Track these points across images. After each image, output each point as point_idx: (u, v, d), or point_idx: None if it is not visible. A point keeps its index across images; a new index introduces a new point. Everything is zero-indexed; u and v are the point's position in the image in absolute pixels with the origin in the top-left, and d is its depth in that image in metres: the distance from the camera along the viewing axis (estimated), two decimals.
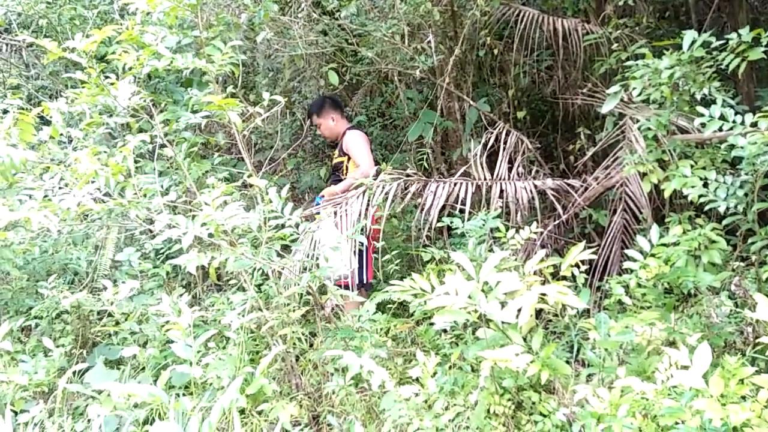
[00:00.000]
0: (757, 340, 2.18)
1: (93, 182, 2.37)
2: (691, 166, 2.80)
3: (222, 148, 4.36)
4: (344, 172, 3.95)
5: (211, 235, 2.37)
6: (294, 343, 2.79)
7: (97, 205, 2.38)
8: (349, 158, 3.93)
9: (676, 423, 1.81)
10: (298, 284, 2.58)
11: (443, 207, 3.71)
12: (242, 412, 2.56)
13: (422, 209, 3.64)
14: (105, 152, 2.78)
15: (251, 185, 2.89)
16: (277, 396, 2.55)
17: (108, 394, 2.32)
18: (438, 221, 3.47)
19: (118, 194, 2.48)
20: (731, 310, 2.39)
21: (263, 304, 2.69)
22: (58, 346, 2.82)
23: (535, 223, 3.08)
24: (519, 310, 2.29)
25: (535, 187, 3.80)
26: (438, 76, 4.40)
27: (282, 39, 4.27)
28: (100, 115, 2.95)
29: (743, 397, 1.90)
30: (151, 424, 2.36)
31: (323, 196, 3.80)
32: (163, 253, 3.45)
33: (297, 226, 2.67)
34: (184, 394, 2.69)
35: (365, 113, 5.08)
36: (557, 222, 3.77)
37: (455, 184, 3.84)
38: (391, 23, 4.13)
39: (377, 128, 5.02)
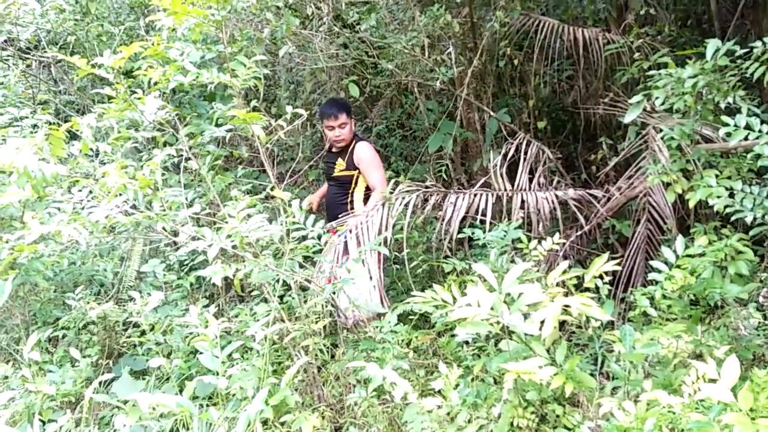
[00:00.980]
0: None
1: (121, 195, 2.42)
2: (717, 176, 2.77)
3: (245, 161, 4.42)
4: (353, 187, 3.70)
5: (235, 247, 2.40)
6: (316, 355, 2.80)
7: (125, 217, 2.43)
8: (359, 172, 3.67)
9: None
10: (321, 295, 2.59)
11: (464, 218, 3.71)
12: (265, 423, 2.57)
13: (443, 221, 3.65)
14: (132, 166, 2.84)
15: (274, 197, 2.93)
16: (300, 407, 2.56)
17: (134, 405, 2.35)
18: (459, 232, 3.47)
19: (145, 207, 2.52)
20: (759, 322, 2.35)
21: (286, 316, 2.71)
22: (84, 357, 2.87)
23: (557, 233, 3.07)
24: (542, 322, 2.28)
25: (557, 197, 3.78)
26: (458, 87, 4.42)
27: (303, 52, 4.33)
28: (128, 129, 3.02)
29: None
30: None
31: (341, 231, 3.41)
32: (186, 265, 3.50)
33: (319, 237, 2.69)
34: (207, 405, 2.72)
35: (385, 124, 5.11)
36: (580, 233, 3.75)
37: (475, 195, 3.83)
38: (410, 35, 4.16)
39: (397, 139, 5.05)
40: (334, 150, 3.76)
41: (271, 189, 2.82)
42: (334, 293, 2.82)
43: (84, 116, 2.78)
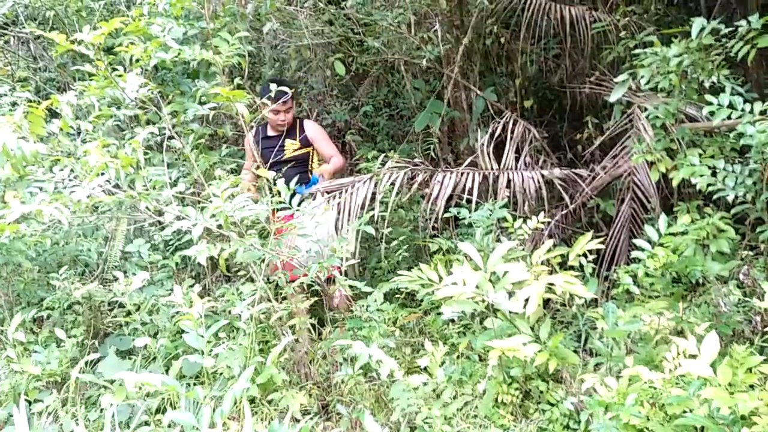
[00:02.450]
0: (765, 329, 2.18)
1: (103, 174, 2.39)
2: (700, 155, 2.79)
3: (229, 140, 4.37)
4: (310, 163, 3.67)
5: (220, 227, 2.39)
6: (302, 334, 2.81)
7: (107, 197, 2.40)
8: (312, 148, 3.65)
9: (684, 412, 1.82)
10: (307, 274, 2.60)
11: (450, 197, 3.72)
12: (252, 401, 2.59)
13: (429, 199, 3.65)
14: (114, 144, 2.80)
15: (259, 176, 2.90)
16: (287, 385, 2.58)
17: (120, 384, 2.35)
18: (445, 211, 3.48)
19: (127, 186, 2.49)
20: (739, 300, 2.39)
21: (272, 295, 2.71)
22: (70, 337, 2.86)
23: (543, 212, 3.08)
24: (527, 300, 2.30)
25: (543, 176, 3.79)
26: (445, 65, 4.39)
27: (288, 29, 4.26)
28: (109, 107, 2.96)
29: (751, 386, 1.91)
30: (163, 413, 2.39)
31: (315, 179, 3.41)
32: (172, 245, 3.48)
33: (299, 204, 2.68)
34: (194, 384, 2.73)
35: (371, 103, 5.07)
36: (565, 212, 3.77)
37: (462, 174, 3.84)
38: (397, 12, 4.11)
39: (383, 118, 5.02)
40: (272, 134, 3.66)
41: (256, 168, 2.80)
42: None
43: (64, 94, 2.73)
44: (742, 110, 2.45)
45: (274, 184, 2.62)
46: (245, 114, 2.63)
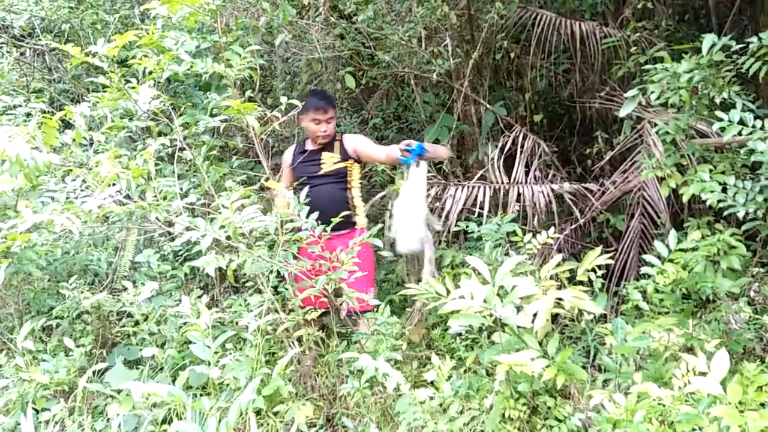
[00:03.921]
0: None
1: (114, 185, 2.41)
2: (710, 171, 2.78)
3: (240, 152, 4.40)
4: (350, 179, 3.42)
5: (229, 238, 2.40)
6: (310, 347, 2.81)
7: (118, 207, 2.42)
8: (353, 162, 3.38)
9: (693, 430, 1.80)
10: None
11: (460, 210, 3.73)
12: (258, 413, 2.59)
13: (441, 213, 3.66)
14: (126, 155, 2.83)
15: (269, 188, 2.92)
16: (293, 397, 2.57)
17: (127, 394, 2.36)
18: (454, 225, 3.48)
19: (138, 197, 2.52)
20: (750, 317, 2.36)
21: (279, 307, 2.72)
22: (78, 346, 2.87)
23: (552, 227, 3.08)
24: (535, 315, 2.29)
25: (552, 190, 3.79)
26: (455, 79, 4.41)
27: (300, 43, 4.30)
28: (121, 118, 3.00)
29: (762, 404, 1.88)
30: (169, 423, 2.39)
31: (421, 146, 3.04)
32: (181, 255, 3.50)
33: (313, 228, 2.69)
34: (201, 395, 2.73)
35: (381, 116, 5.10)
36: (574, 226, 3.76)
37: (473, 188, 3.85)
38: (408, 27, 4.14)
39: (393, 131, 5.04)
40: (311, 148, 3.40)
41: (266, 180, 2.82)
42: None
43: (78, 105, 2.77)
44: (753, 126, 2.44)
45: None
46: (255, 126, 2.65)
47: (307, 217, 2.63)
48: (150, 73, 2.85)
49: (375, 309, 2.82)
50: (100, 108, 2.81)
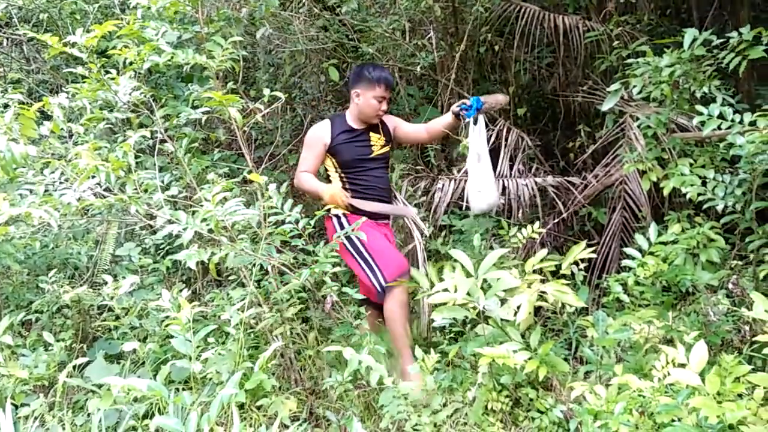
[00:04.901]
0: (753, 339, 2.18)
1: (93, 177, 2.38)
2: (691, 165, 2.81)
3: (222, 144, 4.36)
4: (390, 159, 3.32)
5: (211, 231, 2.38)
6: (293, 340, 2.80)
7: (98, 200, 2.39)
8: (391, 148, 3.25)
9: (673, 420, 1.82)
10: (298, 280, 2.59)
11: (447, 203, 3.75)
12: (241, 407, 2.57)
13: (429, 207, 3.68)
14: (106, 147, 2.79)
15: (252, 181, 2.90)
16: (276, 391, 2.56)
17: (108, 389, 2.34)
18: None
19: (118, 189, 2.48)
20: (728, 309, 2.40)
21: (262, 300, 2.70)
22: (58, 341, 2.83)
23: (536, 220, 3.10)
24: (518, 307, 2.30)
25: (536, 184, 3.81)
26: (439, 72, 4.40)
27: (283, 34, 4.26)
28: (101, 110, 2.95)
29: (739, 395, 1.91)
30: (150, 418, 2.37)
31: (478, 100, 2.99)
32: (163, 249, 3.46)
33: (297, 222, 2.68)
34: (183, 389, 2.71)
35: None
36: (558, 219, 3.78)
37: (460, 181, 3.87)
38: (392, 19, 4.12)
39: None
40: (356, 126, 3.08)
41: (249, 173, 2.79)
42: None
43: (56, 96, 2.72)
44: (732, 120, 2.47)
45: (266, 188, 2.61)
46: (238, 118, 2.63)
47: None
48: (130, 64, 2.80)
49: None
50: (78, 99, 2.76)
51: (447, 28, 4.39)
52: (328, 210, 2.97)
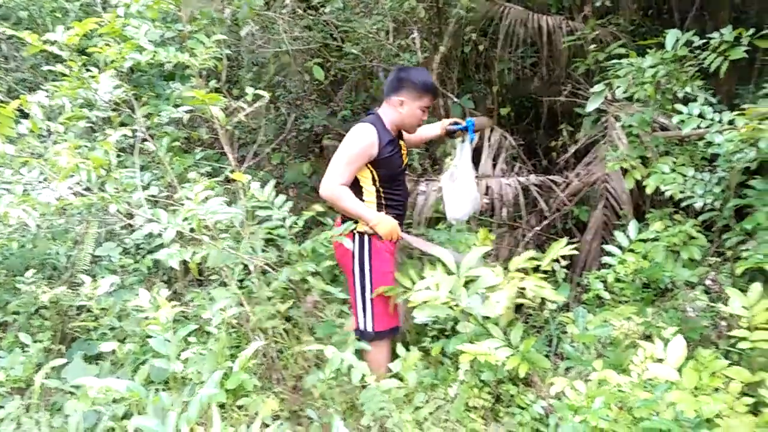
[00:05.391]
0: (730, 334, 2.21)
1: (73, 176, 2.35)
2: (673, 163, 2.83)
3: (205, 143, 4.34)
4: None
5: (192, 230, 2.36)
6: (276, 340, 2.79)
7: (77, 199, 2.36)
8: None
9: (651, 415, 1.84)
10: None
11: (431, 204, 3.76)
12: (222, 406, 2.56)
13: (414, 207, 3.69)
14: (86, 146, 2.76)
15: (234, 180, 2.88)
16: (258, 391, 2.55)
17: (86, 390, 2.31)
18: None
19: (98, 188, 2.46)
20: (706, 305, 2.42)
21: (245, 299, 2.69)
22: (35, 342, 2.80)
23: (519, 219, 3.12)
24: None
25: (519, 183, 3.83)
26: None
27: (266, 34, 4.25)
28: (81, 108, 2.92)
29: (716, 389, 1.93)
30: (130, 419, 2.35)
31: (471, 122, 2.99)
32: (143, 249, 3.43)
33: (284, 219, 2.66)
34: (164, 390, 2.69)
35: (350, 108, 5.07)
36: (540, 218, 3.81)
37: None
38: (376, 19, 4.13)
39: None
40: (395, 135, 2.79)
41: (231, 172, 2.78)
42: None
43: (34, 94, 2.69)
44: (711, 120, 2.49)
45: (249, 187, 2.60)
46: (220, 117, 2.61)
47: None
48: (111, 62, 2.78)
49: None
50: (58, 97, 2.73)
51: (431, 28, 4.41)
52: (354, 225, 2.69)
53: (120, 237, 3.56)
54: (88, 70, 2.74)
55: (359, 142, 2.61)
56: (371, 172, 2.67)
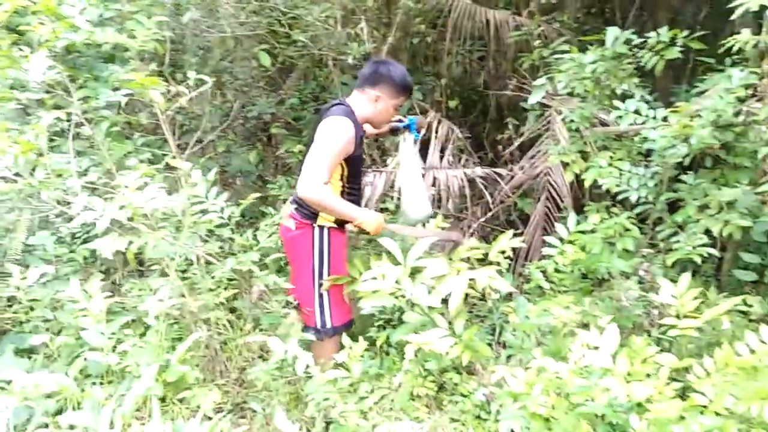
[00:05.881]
0: (661, 322, 2.31)
1: (0, 160, 2.23)
2: (610, 158, 2.93)
3: (147, 129, 4.19)
4: None
5: (131, 219, 2.28)
6: (219, 331, 2.74)
7: (6, 185, 2.24)
8: None
9: (586, 400, 1.91)
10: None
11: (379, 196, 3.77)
12: (163, 400, 2.50)
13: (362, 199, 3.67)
14: (16, 129, 2.62)
15: (175, 167, 2.80)
16: (201, 383, 2.50)
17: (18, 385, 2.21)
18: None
19: (29, 174, 2.34)
20: (639, 294, 2.53)
21: (187, 290, 2.62)
22: None
23: (465, 210, 3.16)
24: (447, 296, 2.35)
25: (465, 175, 3.88)
26: None
27: (210, 20, 4.13)
28: (11, 89, 2.77)
29: (648, 375, 2.02)
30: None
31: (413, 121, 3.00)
32: (79, 237, 3.29)
33: (222, 210, 2.61)
34: (102, 383, 2.60)
35: (298, 96, 5.00)
36: (486, 210, 3.87)
37: (391, 173, 3.89)
38: (324, 7, 4.07)
39: (310, 112, 4.96)
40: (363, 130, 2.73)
41: (173, 158, 2.70)
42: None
43: None
44: (646, 116, 2.59)
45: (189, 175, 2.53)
46: (160, 102, 2.53)
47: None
48: (45, 41, 2.64)
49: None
50: None
51: (380, 18, 4.39)
52: (314, 218, 2.63)
53: (56, 225, 3.40)
54: (20, 49, 2.59)
55: (340, 139, 2.49)
56: (342, 167, 2.60)
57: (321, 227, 2.63)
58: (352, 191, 2.71)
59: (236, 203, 2.66)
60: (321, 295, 2.67)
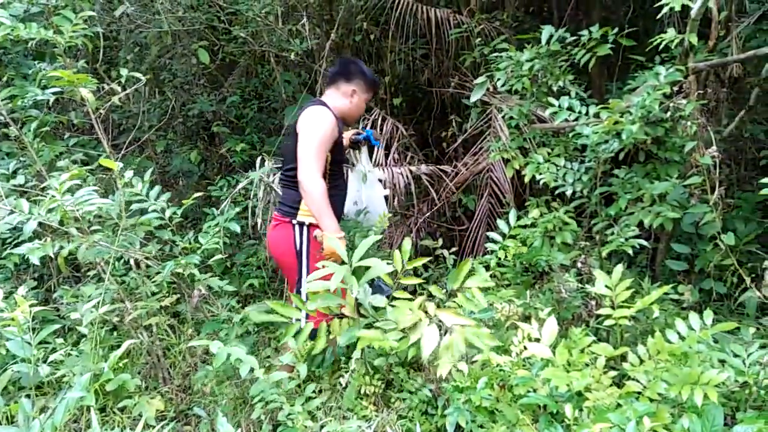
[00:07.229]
0: (598, 312, 2.39)
1: None
2: (549, 154, 3.01)
3: (80, 129, 4.02)
4: None
5: (62, 223, 2.18)
6: (161, 337, 2.67)
7: None
8: None
9: (528, 392, 1.95)
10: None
11: None
12: (103, 410, 2.41)
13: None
14: None
15: (109, 168, 2.70)
16: (142, 391, 2.43)
17: None
18: None
19: None
20: (578, 286, 2.60)
21: (125, 296, 2.54)
22: None
23: (411, 207, 3.19)
24: (389, 297, 2.35)
25: (411, 172, 3.91)
26: (316, 59, 4.36)
27: (145, 14, 4.00)
28: None
29: (586, 364, 2.09)
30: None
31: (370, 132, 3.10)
32: (10, 243, 3.13)
33: (163, 210, 2.53)
34: (37, 395, 2.48)
35: (240, 94, 4.92)
36: (431, 206, 3.91)
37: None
38: (264, 2, 4.01)
39: (253, 110, 4.89)
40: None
41: (105, 158, 2.60)
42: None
43: None
44: (579, 113, 2.66)
45: (122, 176, 2.44)
46: (91, 100, 2.43)
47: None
48: None
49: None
50: None
51: (322, 14, 4.36)
52: (293, 215, 2.63)
53: None
54: None
55: (325, 125, 2.55)
56: (328, 155, 2.62)
57: (301, 224, 2.63)
58: (336, 184, 2.72)
59: (178, 204, 2.59)
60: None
